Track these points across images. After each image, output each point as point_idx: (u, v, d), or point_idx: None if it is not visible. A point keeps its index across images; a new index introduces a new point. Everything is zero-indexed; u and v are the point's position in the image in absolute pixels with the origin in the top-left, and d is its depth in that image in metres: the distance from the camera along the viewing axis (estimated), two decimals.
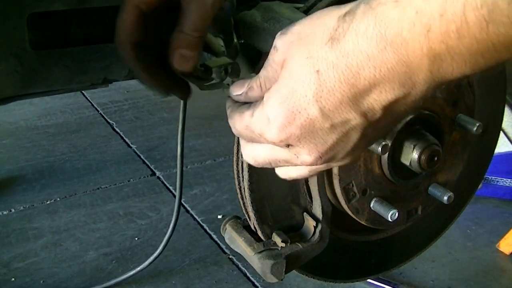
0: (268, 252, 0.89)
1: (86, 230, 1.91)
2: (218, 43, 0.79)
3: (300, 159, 0.59)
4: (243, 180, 0.89)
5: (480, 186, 1.22)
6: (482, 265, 1.82)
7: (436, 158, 0.88)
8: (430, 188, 0.98)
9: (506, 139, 2.05)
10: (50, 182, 2.19)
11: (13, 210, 2.01)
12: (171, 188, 2.16)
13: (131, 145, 2.50)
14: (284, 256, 0.89)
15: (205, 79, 0.76)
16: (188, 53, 0.70)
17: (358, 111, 0.53)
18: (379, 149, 0.80)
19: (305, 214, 0.95)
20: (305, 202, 0.95)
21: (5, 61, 0.75)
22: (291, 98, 0.55)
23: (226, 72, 0.77)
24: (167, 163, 2.34)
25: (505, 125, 1.95)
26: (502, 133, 1.95)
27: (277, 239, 0.91)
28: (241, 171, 0.90)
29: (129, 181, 2.22)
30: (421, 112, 0.88)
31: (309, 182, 0.93)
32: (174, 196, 1.76)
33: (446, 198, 0.96)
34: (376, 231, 1.06)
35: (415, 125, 0.88)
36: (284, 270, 0.88)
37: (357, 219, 0.94)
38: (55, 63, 0.78)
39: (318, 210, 0.92)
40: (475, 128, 0.93)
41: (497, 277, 1.78)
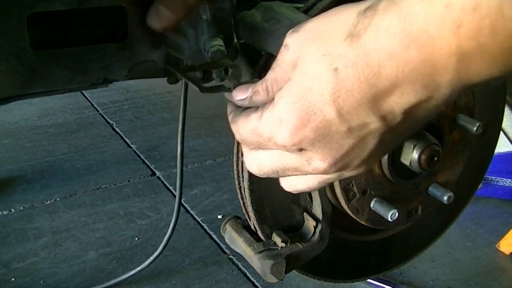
0: (268, 252, 0.89)
1: (86, 230, 1.91)
2: (226, 63, 0.78)
3: (312, 166, 0.54)
4: (243, 180, 0.89)
5: (480, 186, 1.22)
6: (482, 265, 1.82)
7: (436, 158, 0.88)
8: (430, 188, 0.98)
9: (506, 139, 2.05)
10: (50, 182, 2.19)
11: (13, 210, 2.01)
12: (171, 188, 2.16)
13: (131, 145, 2.50)
14: (284, 256, 0.89)
15: (204, 80, 0.76)
16: (164, 11, 0.68)
17: (377, 114, 0.50)
18: None
19: (305, 214, 0.95)
20: (305, 202, 0.95)
21: (5, 61, 0.75)
22: (306, 97, 0.51)
23: (226, 72, 0.77)
24: (167, 163, 2.34)
25: (505, 125, 1.95)
26: (502, 133, 1.95)
27: (277, 239, 0.91)
28: (241, 171, 0.90)
29: (129, 181, 2.22)
30: None
31: None
32: (174, 196, 1.75)
33: (446, 198, 0.96)
34: (376, 231, 1.06)
35: None
36: (284, 270, 0.88)
37: (357, 219, 0.95)
38: (55, 63, 0.78)
39: (318, 210, 0.93)
40: (475, 128, 0.93)
41: (497, 277, 1.78)
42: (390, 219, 0.90)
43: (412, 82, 0.47)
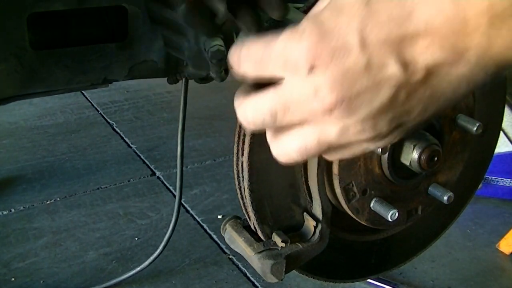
0: (268, 252, 0.89)
1: (86, 230, 1.91)
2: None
3: (318, 95, 0.49)
4: (243, 180, 0.89)
5: (480, 186, 1.22)
6: (482, 265, 1.82)
7: (436, 158, 0.88)
8: (430, 188, 0.98)
9: (506, 139, 2.05)
10: (50, 182, 2.19)
11: (13, 210, 2.01)
12: (171, 188, 2.16)
13: (131, 145, 2.50)
14: (284, 256, 0.89)
15: (204, 80, 0.75)
16: None
17: (399, 58, 0.47)
18: (379, 149, 0.80)
19: (305, 214, 0.95)
20: (305, 202, 0.95)
21: (5, 61, 0.75)
22: (331, 20, 0.48)
23: (227, 72, 0.77)
24: (167, 163, 2.34)
25: (505, 125, 1.95)
26: (502, 133, 1.95)
27: (277, 239, 0.91)
28: (241, 171, 0.90)
29: (129, 181, 2.22)
30: None
31: (309, 182, 0.93)
32: (174, 196, 1.75)
33: (446, 198, 0.96)
34: (376, 231, 1.06)
35: None
36: (284, 270, 0.88)
37: (357, 219, 0.95)
38: (55, 63, 0.78)
39: (318, 210, 0.93)
40: (475, 128, 0.93)
41: (497, 277, 1.78)
42: (390, 219, 0.90)
43: (441, 36, 0.46)
